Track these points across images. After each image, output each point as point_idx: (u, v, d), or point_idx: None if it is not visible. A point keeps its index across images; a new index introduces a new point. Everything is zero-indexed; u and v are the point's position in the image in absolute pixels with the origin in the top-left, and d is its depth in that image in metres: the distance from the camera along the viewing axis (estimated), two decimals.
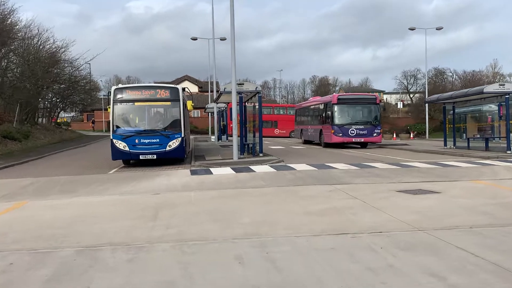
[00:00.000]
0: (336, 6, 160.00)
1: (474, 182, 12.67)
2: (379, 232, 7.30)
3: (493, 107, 23.50)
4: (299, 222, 8.09)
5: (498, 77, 78.44)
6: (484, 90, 22.16)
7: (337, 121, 29.20)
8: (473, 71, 78.51)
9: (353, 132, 28.83)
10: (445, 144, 27.60)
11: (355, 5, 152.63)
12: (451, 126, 27.72)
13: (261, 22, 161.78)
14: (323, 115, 31.24)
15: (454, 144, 26.77)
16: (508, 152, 21.34)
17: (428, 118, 52.81)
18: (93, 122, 79.48)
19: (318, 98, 37.97)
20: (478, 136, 25.22)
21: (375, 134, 29.32)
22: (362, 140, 29.20)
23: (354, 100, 30.49)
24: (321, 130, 31.67)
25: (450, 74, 78.83)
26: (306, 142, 36.56)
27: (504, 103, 21.71)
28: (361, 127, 29.09)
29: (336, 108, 29.35)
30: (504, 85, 22.26)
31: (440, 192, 10.94)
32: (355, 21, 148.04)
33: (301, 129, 38.67)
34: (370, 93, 43.57)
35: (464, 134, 26.49)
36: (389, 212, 8.70)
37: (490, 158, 19.76)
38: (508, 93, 21.60)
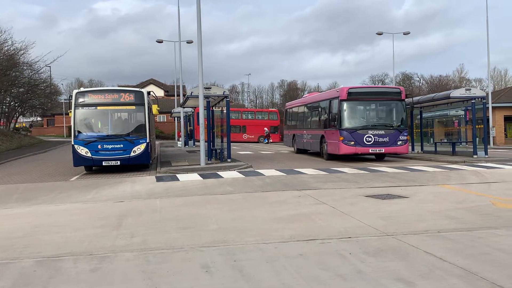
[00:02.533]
0: (307, 10, 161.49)
1: (441, 186, 12.94)
2: (348, 237, 7.38)
3: (460, 111, 24.07)
4: (267, 228, 8.10)
5: (464, 82, 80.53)
6: (451, 95, 22.68)
7: (347, 124, 21.46)
8: (440, 75, 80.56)
9: (370, 139, 21.25)
10: (413, 149, 28.10)
11: (326, 10, 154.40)
12: (419, 130, 28.27)
13: (232, 26, 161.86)
14: (327, 116, 23.57)
15: (422, 149, 27.29)
16: (475, 156, 21.88)
17: None
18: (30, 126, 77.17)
19: (317, 94, 29.76)
20: (445, 140, 25.79)
21: (400, 142, 21.54)
22: (383, 150, 21.54)
23: (372, 94, 22.44)
24: (322, 137, 23.94)
25: (418, 79, 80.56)
26: (300, 151, 29.13)
27: (471, 108, 22.26)
28: (381, 132, 21.41)
29: (345, 106, 21.60)
30: (470, 90, 22.85)
31: (408, 197, 11.13)
32: (326, 26, 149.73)
33: (293, 135, 30.59)
34: (393, 86, 36.60)
35: (432, 139, 27.06)
36: (358, 217, 8.80)
37: (457, 163, 20.22)
38: (474, 98, 22.17)
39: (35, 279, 5.72)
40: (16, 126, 61.07)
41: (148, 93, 20.28)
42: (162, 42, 48.18)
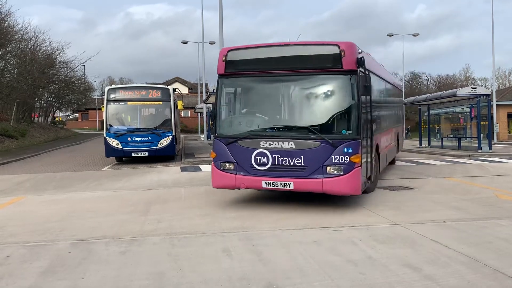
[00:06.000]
0: (325, 15, 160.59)
1: (447, 179, 12.79)
2: (359, 225, 7.34)
3: (466, 109, 23.70)
4: (282, 216, 8.08)
5: (470, 81, 79.32)
6: (457, 93, 22.36)
7: (220, 128, 9.26)
8: (447, 75, 79.42)
9: (264, 159, 8.51)
10: (421, 144, 27.79)
11: (342, 15, 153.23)
12: (426, 126, 27.93)
13: (254, 29, 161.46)
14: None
15: (429, 144, 26.97)
16: (479, 151, 21.54)
17: (405, 119, 53.22)
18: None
19: None
20: (452, 136, 25.44)
21: (336, 168, 8.12)
22: (291, 185, 8.35)
23: (270, 63, 8.86)
24: None
25: (426, 78, 79.54)
26: None
27: (476, 105, 21.94)
28: (290, 145, 8.29)
29: (220, 88, 9.35)
30: (475, 88, 22.49)
31: (416, 188, 11.02)
32: (342, 29, 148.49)
33: None
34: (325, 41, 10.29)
35: (438, 134, 26.69)
36: (368, 207, 8.74)
37: (462, 157, 19.95)
38: (480, 96, 21.83)
39: (70, 260, 5.80)
40: (54, 120, 61.88)
41: (174, 90, 20.37)
42: (187, 43, 48.15)
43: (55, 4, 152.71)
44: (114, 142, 18.44)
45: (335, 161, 8.04)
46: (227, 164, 8.78)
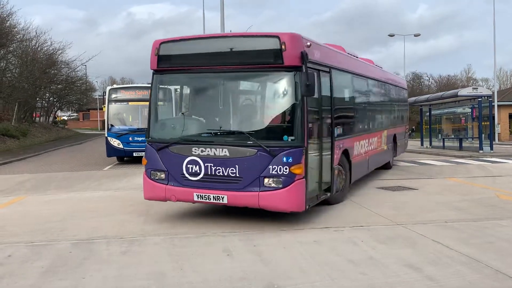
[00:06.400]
0: (326, 15, 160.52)
1: (449, 179, 12.77)
2: (360, 226, 7.33)
3: (467, 109, 23.67)
4: (283, 216, 8.07)
5: (471, 81, 79.17)
6: (459, 94, 22.36)
7: (153, 131, 8.20)
8: (448, 75, 79.21)
9: (196, 169, 7.45)
10: (422, 144, 27.76)
11: (344, 15, 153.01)
12: (428, 127, 27.91)
13: (256, 29, 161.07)
14: None
15: (430, 144, 26.93)
16: (481, 151, 21.51)
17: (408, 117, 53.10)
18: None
19: None
20: (453, 136, 25.40)
21: (274, 181, 7.01)
22: (225, 199, 7.26)
23: (205, 58, 7.75)
24: None
25: (427, 78, 79.44)
26: None
27: (477, 106, 21.92)
28: (224, 153, 7.25)
29: (155, 85, 8.26)
30: (477, 88, 22.50)
31: (417, 189, 11.01)
32: (343, 29, 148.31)
33: None
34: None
35: (440, 135, 26.66)
36: (370, 207, 8.74)
37: (463, 157, 19.92)
38: (481, 97, 21.81)
39: (71, 260, 5.80)
40: (55, 119, 61.95)
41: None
42: None
43: (57, 4, 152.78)
44: (115, 142, 18.47)
45: (273, 172, 6.91)
46: (158, 173, 7.71)
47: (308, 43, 7.29)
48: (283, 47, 6.90)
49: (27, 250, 6.28)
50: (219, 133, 7.58)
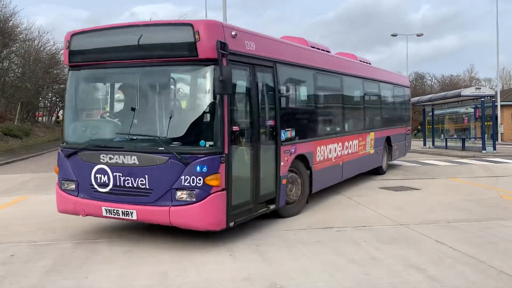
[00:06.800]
0: (330, 15, 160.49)
1: (452, 179, 12.75)
2: (362, 226, 7.32)
3: (470, 109, 23.63)
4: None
5: (474, 81, 78.99)
6: (462, 93, 22.32)
7: (66, 135, 7.31)
8: (451, 75, 78.98)
9: (104, 179, 6.56)
10: (425, 144, 27.73)
11: (347, 15, 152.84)
12: (430, 127, 27.87)
13: (260, 29, 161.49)
14: None
15: (433, 144, 26.92)
16: (484, 151, 21.48)
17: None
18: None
19: None
20: (456, 136, 25.37)
21: (186, 194, 6.08)
22: (134, 214, 6.29)
23: (114, 51, 6.80)
24: None
25: (430, 78, 79.28)
26: None
27: (480, 106, 21.89)
28: (133, 160, 6.34)
29: (70, 82, 7.43)
30: (480, 88, 22.47)
31: (420, 189, 10.99)
32: (346, 29, 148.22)
33: None
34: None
35: (442, 135, 26.62)
36: (372, 208, 8.73)
37: (466, 158, 19.90)
38: (484, 97, 21.78)
39: (74, 259, 5.80)
40: (58, 119, 62.03)
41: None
42: None
43: (61, 4, 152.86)
44: None
45: (185, 184, 5.94)
46: (68, 183, 6.81)
47: (234, 33, 6.38)
48: (197, 37, 5.94)
49: (29, 249, 6.29)
50: (129, 138, 6.52)
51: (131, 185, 6.23)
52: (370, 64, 13.17)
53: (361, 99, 12.03)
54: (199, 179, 5.88)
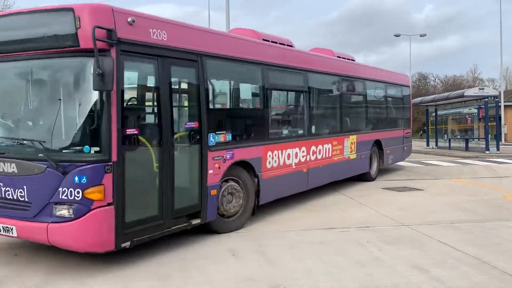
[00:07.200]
0: (333, 15, 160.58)
1: (455, 180, 12.73)
2: (366, 227, 7.32)
3: (473, 109, 23.59)
4: (289, 217, 8.07)
5: (477, 81, 78.76)
6: (465, 94, 22.28)
7: None
8: (454, 75, 78.79)
9: None
10: (428, 144, 27.69)
11: (350, 15, 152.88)
12: (434, 127, 27.83)
13: (264, 29, 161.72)
14: None
15: (436, 145, 26.88)
16: (487, 152, 21.44)
17: (412, 119, 52.92)
18: None
19: None
20: (459, 136, 25.33)
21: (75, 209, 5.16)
22: (14, 230, 5.44)
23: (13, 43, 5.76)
24: None
25: (433, 78, 79.12)
26: None
27: (483, 106, 21.85)
28: (13, 169, 5.49)
29: None
30: (483, 89, 22.42)
31: (423, 190, 10.98)
32: (349, 29, 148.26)
33: None
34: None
35: (446, 135, 26.58)
36: (375, 208, 8.72)
37: (470, 158, 19.87)
38: (487, 97, 21.73)
39: (76, 259, 5.80)
40: None
41: None
42: None
43: None
44: None
45: (63, 197, 5.08)
46: None
47: (130, 19, 5.46)
48: (78, 23, 5.04)
49: (33, 249, 6.30)
50: (11, 142, 5.71)
51: (11, 197, 5.40)
52: (353, 60, 12.07)
53: (337, 99, 10.85)
54: (77, 192, 5.02)
